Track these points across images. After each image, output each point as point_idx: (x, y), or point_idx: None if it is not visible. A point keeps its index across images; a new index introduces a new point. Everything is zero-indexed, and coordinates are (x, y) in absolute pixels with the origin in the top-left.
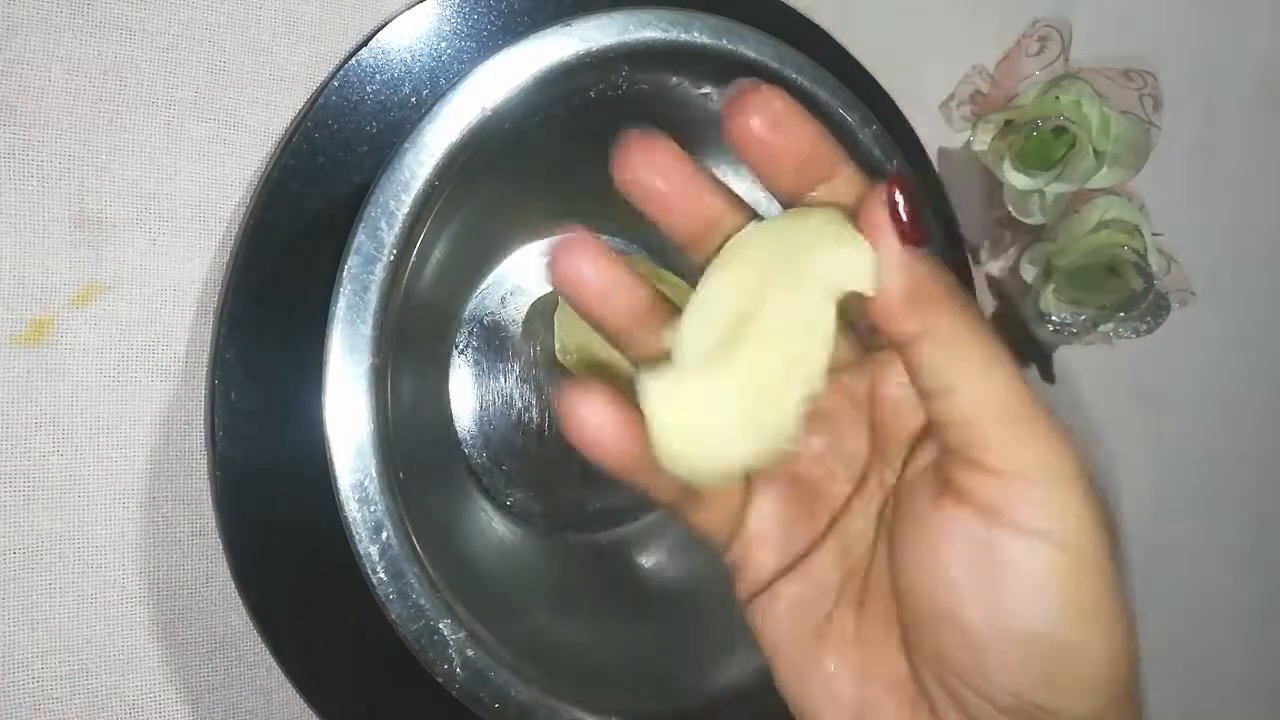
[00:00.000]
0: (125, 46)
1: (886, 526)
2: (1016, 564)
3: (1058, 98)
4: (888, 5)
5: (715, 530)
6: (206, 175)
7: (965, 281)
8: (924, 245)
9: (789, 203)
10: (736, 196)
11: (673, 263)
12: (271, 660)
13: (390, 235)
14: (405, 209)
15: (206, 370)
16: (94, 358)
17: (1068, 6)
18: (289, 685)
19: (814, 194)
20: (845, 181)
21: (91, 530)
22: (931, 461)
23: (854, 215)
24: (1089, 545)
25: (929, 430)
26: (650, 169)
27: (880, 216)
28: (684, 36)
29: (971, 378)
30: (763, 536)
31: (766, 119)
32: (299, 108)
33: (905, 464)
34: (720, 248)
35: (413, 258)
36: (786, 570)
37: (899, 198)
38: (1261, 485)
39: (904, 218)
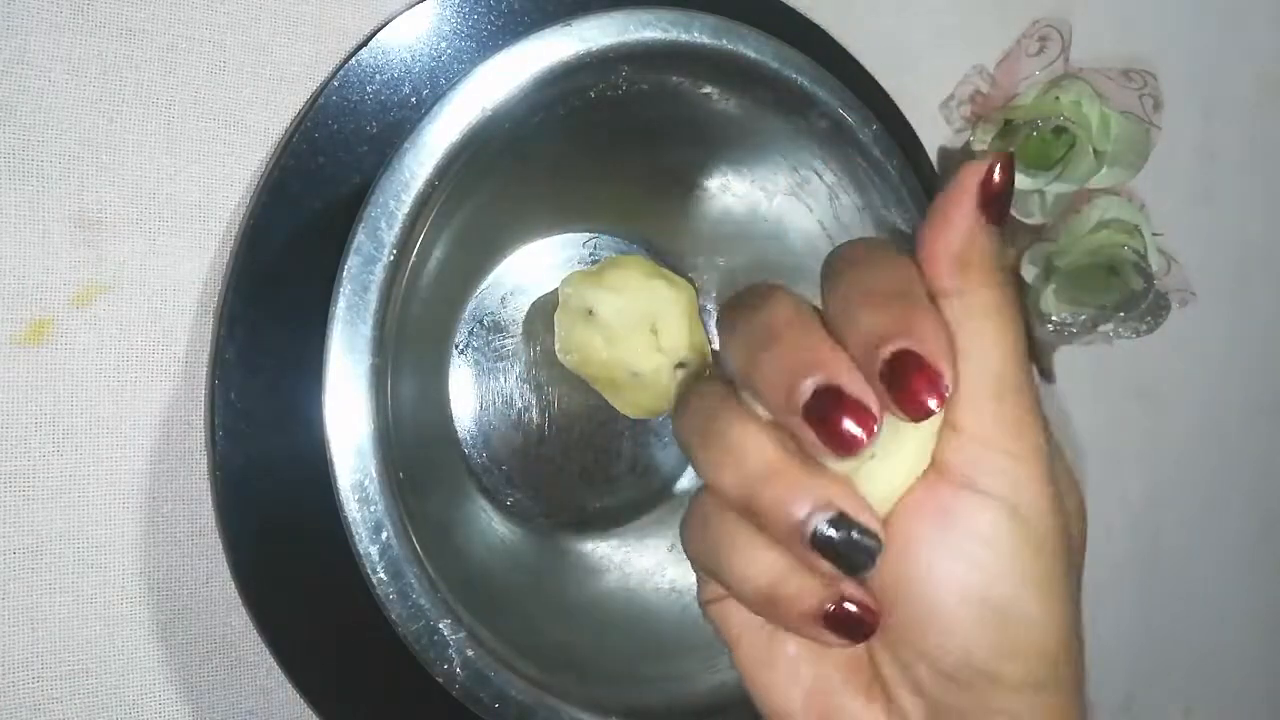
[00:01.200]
0: (125, 46)
1: None
2: (974, 526)
3: (1058, 98)
4: (888, 5)
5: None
6: (206, 175)
7: None
8: (996, 222)
9: None
10: None
11: (672, 263)
12: (271, 660)
13: (390, 235)
14: (405, 209)
15: (206, 370)
16: (94, 358)
17: (1068, 6)
18: (289, 685)
19: None
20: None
21: (91, 530)
22: None
23: None
24: (1040, 518)
25: None
26: None
27: (973, 179)
28: (684, 36)
29: (981, 347)
30: None
31: None
32: (299, 108)
33: None
34: None
35: (413, 258)
36: None
37: (998, 175)
38: (1261, 485)
39: (992, 190)
